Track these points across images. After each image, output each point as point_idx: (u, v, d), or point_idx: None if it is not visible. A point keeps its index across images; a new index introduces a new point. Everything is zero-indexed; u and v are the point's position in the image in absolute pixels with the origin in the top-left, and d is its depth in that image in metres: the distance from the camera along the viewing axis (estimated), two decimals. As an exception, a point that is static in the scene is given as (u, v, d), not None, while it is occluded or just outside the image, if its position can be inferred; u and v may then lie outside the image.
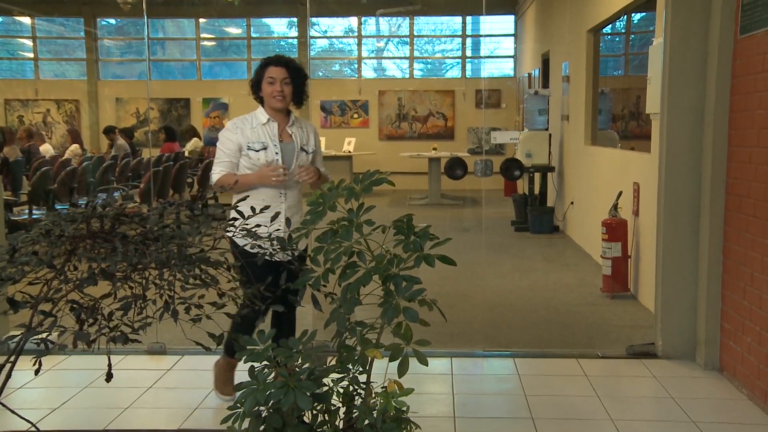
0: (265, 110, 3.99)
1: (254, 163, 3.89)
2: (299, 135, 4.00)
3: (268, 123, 3.96)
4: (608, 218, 6.77)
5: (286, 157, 3.93)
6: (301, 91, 4.00)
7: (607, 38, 11.28)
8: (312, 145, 4.05)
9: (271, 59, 3.99)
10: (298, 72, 3.97)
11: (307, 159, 3.99)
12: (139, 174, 11.17)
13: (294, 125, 4.01)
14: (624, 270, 6.68)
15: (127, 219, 2.59)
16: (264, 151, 3.89)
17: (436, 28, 17.84)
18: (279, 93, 3.90)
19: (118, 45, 17.92)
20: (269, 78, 3.94)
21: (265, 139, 3.91)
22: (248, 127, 3.94)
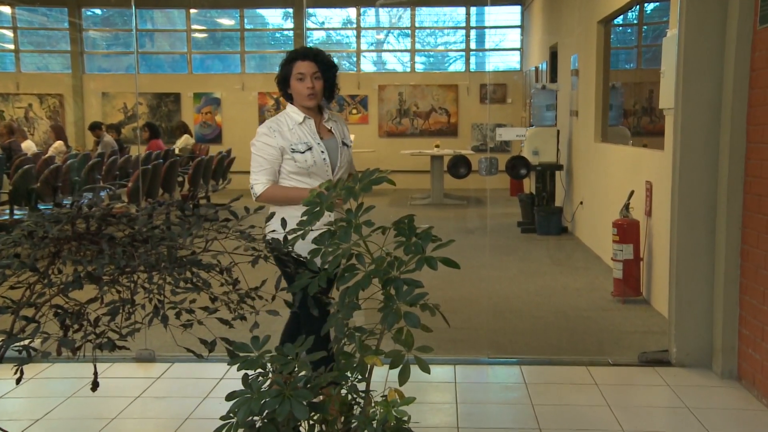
0: (297, 108, 3.86)
1: (301, 166, 3.74)
2: (337, 129, 3.92)
3: (305, 121, 3.83)
4: (619, 219, 6.77)
5: (332, 154, 3.82)
6: (332, 84, 3.89)
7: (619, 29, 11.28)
8: (349, 138, 3.99)
9: (297, 53, 3.86)
10: (329, 65, 3.85)
11: (348, 154, 3.92)
12: (126, 172, 11.17)
13: (330, 119, 3.92)
14: (636, 273, 6.68)
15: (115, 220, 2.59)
16: (310, 152, 3.75)
17: (439, 19, 17.84)
18: (311, 90, 3.78)
19: (104, 36, 17.92)
20: (298, 74, 3.81)
21: (307, 138, 3.78)
22: (285, 129, 3.81)
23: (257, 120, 16.49)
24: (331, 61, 3.87)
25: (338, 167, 3.82)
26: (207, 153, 13.74)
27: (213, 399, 4.43)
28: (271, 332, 2.65)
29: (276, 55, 17.74)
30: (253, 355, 2.46)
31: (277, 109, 16.50)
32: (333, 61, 3.89)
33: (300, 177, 3.76)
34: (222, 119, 16.56)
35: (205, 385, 4.64)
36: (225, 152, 13.64)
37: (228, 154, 13.77)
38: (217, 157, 12.82)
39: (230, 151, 14.12)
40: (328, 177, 3.73)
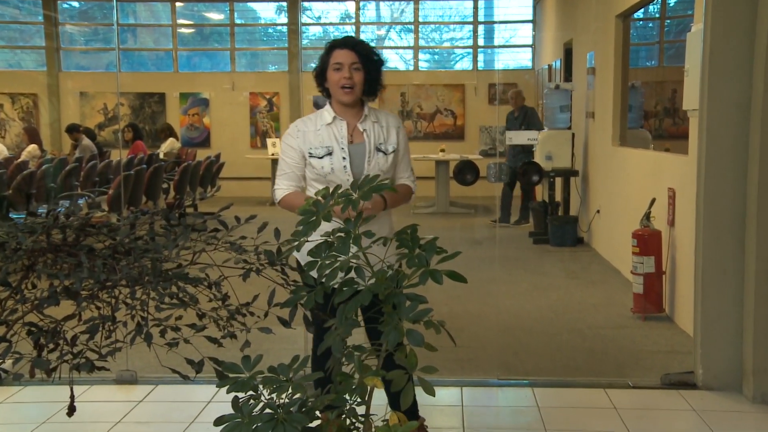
0: (332, 106, 3.75)
1: (318, 173, 3.65)
2: (374, 132, 3.71)
3: (335, 122, 3.70)
4: (640, 229, 6.77)
5: (356, 161, 3.65)
6: (376, 79, 3.74)
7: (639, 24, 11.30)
8: (393, 142, 3.74)
9: (337, 41, 3.72)
10: (371, 56, 3.70)
11: (385, 162, 3.69)
12: (107, 178, 11.18)
13: (367, 120, 3.73)
14: (658, 288, 6.68)
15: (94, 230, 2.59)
16: (329, 157, 3.63)
17: (444, 13, 17.87)
18: (347, 81, 3.64)
19: (82, 31, 17.95)
20: (335, 64, 3.67)
21: (331, 142, 3.65)
22: (311, 130, 3.70)
23: (248, 122, 16.51)
24: (374, 53, 3.73)
25: (364, 177, 3.70)
26: (194, 158, 13.76)
27: (200, 424, 4.42)
28: (263, 351, 2.65)
29: (268, 52, 17.78)
30: (244, 376, 2.45)
31: (270, 110, 16.52)
32: (377, 53, 3.75)
33: (319, 185, 3.60)
34: (210, 121, 16.58)
35: (192, 409, 4.64)
36: (213, 157, 13.65)
37: (217, 159, 13.78)
38: (205, 163, 12.83)
39: (219, 156, 14.13)
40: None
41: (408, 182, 3.83)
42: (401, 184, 3.80)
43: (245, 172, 15.72)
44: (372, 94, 3.77)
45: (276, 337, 2.93)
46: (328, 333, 2.55)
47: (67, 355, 2.46)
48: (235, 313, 2.72)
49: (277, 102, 16.52)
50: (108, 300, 2.49)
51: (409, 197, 3.83)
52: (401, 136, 3.78)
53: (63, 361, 2.43)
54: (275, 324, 2.74)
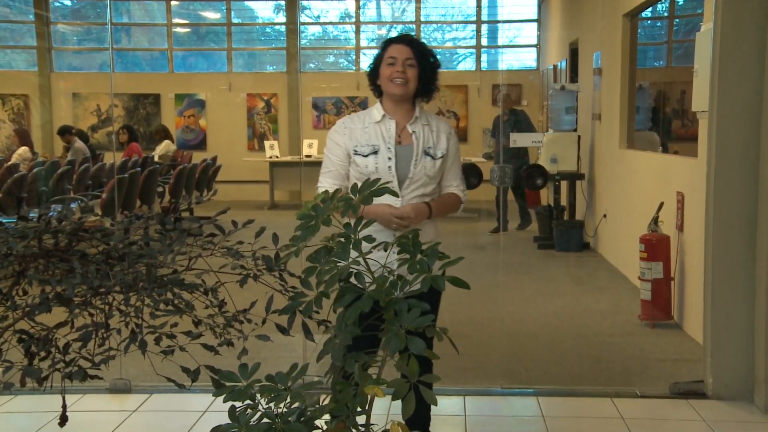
0: (383, 105, 3.70)
1: (362, 172, 3.58)
2: (424, 134, 3.66)
3: (384, 120, 3.65)
4: (647, 234, 6.77)
5: (402, 162, 3.60)
6: (431, 79, 3.69)
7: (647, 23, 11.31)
8: (442, 148, 3.68)
9: (393, 38, 3.70)
10: (426, 54, 3.67)
11: (433, 166, 3.63)
12: (100, 182, 11.19)
13: (418, 122, 3.68)
14: (666, 294, 6.67)
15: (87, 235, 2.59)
16: (374, 156, 3.59)
17: (447, 12, 17.89)
18: (400, 74, 3.59)
19: (74, 31, 17.97)
20: (389, 58, 3.62)
21: (377, 140, 3.61)
22: (359, 127, 3.66)
23: (245, 124, 16.52)
24: (430, 53, 3.70)
25: (409, 180, 3.59)
26: (190, 160, 13.77)
27: (195, 434, 4.42)
28: (260, 359, 2.65)
29: (266, 52, 17.79)
30: (241, 384, 2.45)
31: (268, 112, 16.53)
32: (435, 54, 3.71)
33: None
34: (206, 123, 16.58)
35: (187, 418, 4.63)
36: (210, 160, 13.67)
37: (213, 161, 13.80)
38: (201, 165, 12.84)
39: (216, 159, 14.15)
40: (395, 190, 3.46)
41: (457, 191, 3.76)
42: (449, 192, 3.74)
43: (242, 175, 15.72)
44: (425, 95, 3.72)
45: (274, 344, 2.94)
46: (326, 340, 2.55)
47: (59, 364, 2.46)
48: (232, 320, 2.72)
49: (275, 103, 16.53)
50: (101, 307, 2.49)
51: (457, 207, 3.76)
52: (452, 142, 3.73)
53: (55, 370, 2.43)
54: (273, 331, 2.74)
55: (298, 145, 15.76)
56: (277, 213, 13.84)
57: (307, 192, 13.96)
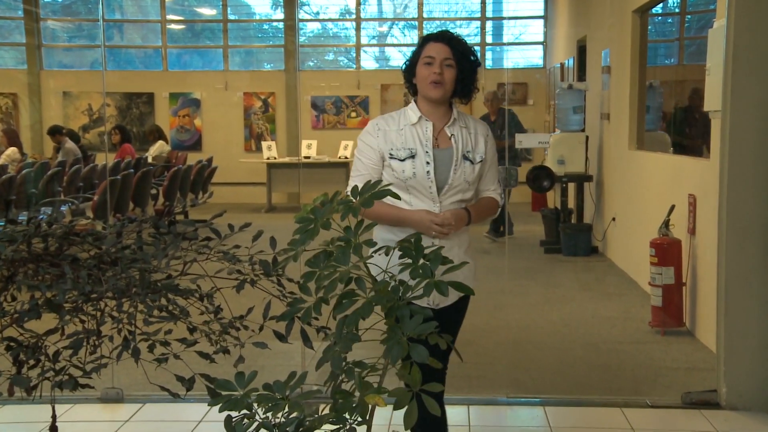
0: (418, 105, 3.60)
1: (398, 177, 3.48)
2: (462, 137, 3.57)
3: (420, 122, 3.55)
4: (658, 237, 6.76)
5: (441, 167, 3.50)
6: (469, 80, 3.58)
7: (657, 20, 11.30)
8: (481, 151, 3.59)
9: (431, 35, 3.59)
10: (466, 54, 3.55)
11: (472, 171, 3.55)
12: (91, 183, 11.19)
13: (456, 124, 3.58)
14: (678, 300, 6.67)
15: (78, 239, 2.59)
16: (411, 161, 3.48)
17: (450, 9, 17.90)
18: (437, 76, 3.48)
19: (65, 27, 17.97)
20: (426, 58, 3.52)
21: (414, 144, 3.51)
22: (394, 129, 3.56)
23: (242, 124, 16.53)
24: (471, 51, 3.58)
25: (448, 185, 3.49)
26: (185, 162, 13.76)
27: (190, 445, 4.42)
28: (257, 367, 2.65)
29: (264, 50, 17.79)
30: (238, 394, 2.45)
31: (266, 111, 16.53)
32: (475, 52, 3.60)
33: (400, 192, 3.47)
34: (202, 123, 16.59)
35: (182, 429, 4.63)
36: (205, 161, 13.68)
37: (209, 163, 13.80)
38: (196, 167, 12.85)
39: (211, 160, 14.15)
40: (432, 196, 3.47)
41: (494, 195, 3.70)
42: (487, 196, 3.68)
43: (239, 177, 15.72)
44: (464, 97, 3.63)
45: (271, 352, 2.93)
46: (326, 348, 2.55)
47: (49, 372, 2.46)
48: (229, 326, 2.72)
49: (272, 103, 16.54)
50: (93, 313, 2.49)
51: (495, 210, 3.71)
52: (489, 145, 3.64)
53: (44, 379, 2.43)
54: (271, 339, 2.75)
55: (296, 145, 15.76)
56: (274, 216, 13.84)
57: (305, 194, 13.98)
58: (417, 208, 3.46)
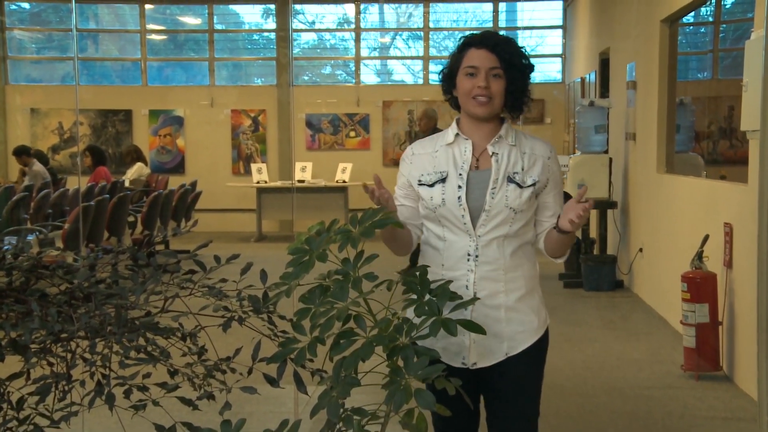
0: (459, 122, 3.35)
1: (427, 206, 3.24)
2: (509, 156, 3.26)
3: (457, 141, 3.30)
4: (690, 271, 6.75)
5: (475, 192, 3.21)
6: (522, 89, 3.30)
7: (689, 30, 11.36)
8: (535, 174, 3.27)
9: (473, 38, 3.29)
10: (516, 59, 3.27)
11: (518, 196, 3.21)
12: (62, 210, 11.20)
13: (503, 141, 3.28)
14: (713, 341, 6.65)
15: (47, 272, 2.59)
16: (440, 185, 3.22)
17: (459, 17, 17.99)
18: (482, 90, 3.21)
19: (33, 38, 18.05)
20: (468, 68, 3.24)
21: (447, 166, 3.25)
22: (428, 152, 3.32)
23: (230, 145, 16.56)
24: (520, 54, 3.30)
25: (485, 213, 3.19)
26: (166, 186, 13.78)
27: (170, 502, 4.39)
28: (245, 415, 2.64)
29: (254, 63, 17.86)
30: (224, 444, 2.45)
31: (255, 130, 16.57)
32: (525, 54, 3.32)
33: (432, 226, 3.29)
34: (185, 143, 16.63)
35: (160, 483, 4.60)
36: (189, 185, 13.69)
37: (193, 187, 13.82)
38: (178, 192, 12.86)
39: (195, 184, 14.16)
40: (466, 228, 3.20)
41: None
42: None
43: (226, 203, 15.75)
44: (516, 110, 3.34)
45: (261, 397, 2.93)
46: (322, 393, 2.54)
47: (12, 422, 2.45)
48: (214, 369, 2.72)
49: (263, 121, 16.58)
50: (63, 355, 2.49)
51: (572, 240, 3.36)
52: (551, 169, 3.33)
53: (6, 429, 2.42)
54: (261, 383, 2.74)
55: (289, 168, 15.79)
56: (265, 246, 13.85)
57: (299, 222, 13.99)
58: (452, 244, 3.22)
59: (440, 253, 3.23)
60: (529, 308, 3.26)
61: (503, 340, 3.19)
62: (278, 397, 4.04)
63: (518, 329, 3.22)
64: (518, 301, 3.23)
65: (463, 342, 3.13)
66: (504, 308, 3.19)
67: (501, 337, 3.18)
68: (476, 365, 3.19)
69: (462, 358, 3.15)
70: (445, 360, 2.93)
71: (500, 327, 3.19)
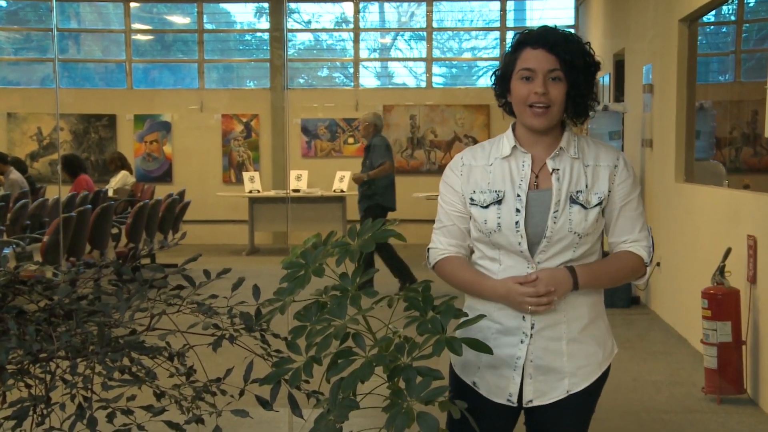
0: (515, 131, 3.14)
1: (480, 229, 3.06)
2: (572, 172, 3.06)
3: (515, 154, 3.09)
4: (711, 287, 6.75)
5: (536, 216, 3.02)
6: (585, 93, 3.10)
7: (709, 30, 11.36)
8: (601, 190, 3.07)
9: (529, 35, 3.08)
10: (578, 58, 3.07)
11: (583, 219, 3.02)
12: (40, 222, 11.20)
13: (564, 155, 3.08)
14: (736, 362, 6.64)
15: (25, 287, 2.60)
16: (496, 207, 3.03)
17: (465, 17, 18.01)
18: (540, 98, 3.01)
19: (11, 38, 18.07)
20: (524, 71, 3.03)
21: (503, 184, 3.05)
22: (481, 165, 3.11)
23: (220, 152, 16.56)
24: (584, 53, 3.10)
25: (546, 240, 3.01)
26: (152, 196, 13.79)
27: None
28: (236, 441, 2.65)
29: (246, 65, 17.88)
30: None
31: (248, 137, 16.57)
32: (589, 52, 3.13)
33: (484, 248, 3.11)
34: (172, 150, 16.64)
35: None
36: (176, 195, 13.69)
37: (181, 197, 13.82)
38: (165, 202, 12.86)
39: (183, 194, 14.16)
40: (524, 255, 3.02)
41: (635, 248, 3.15)
42: (622, 251, 3.16)
43: (216, 213, 15.75)
44: (579, 116, 3.14)
45: (254, 421, 2.93)
46: (318, 417, 2.54)
47: (-11, 446, 2.45)
48: (203, 391, 2.72)
49: (256, 126, 16.59)
50: (41, 376, 2.49)
51: (636, 271, 3.18)
52: (619, 179, 3.11)
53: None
54: (253, 405, 2.74)
55: (283, 177, 15.79)
56: (258, 260, 13.84)
57: (294, 234, 13.98)
58: (507, 268, 3.03)
59: (495, 277, 3.05)
60: (593, 339, 3.14)
61: (564, 376, 3.07)
62: (272, 420, 4.04)
63: (581, 363, 3.09)
64: (582, 331, 3.10)
65: (512, 377, 3.02)
66: (566, 340, 3.06)
67: (562, 373, 3.06)
68: (532, 403, 3.07)
69: (509, 395, 3.05)
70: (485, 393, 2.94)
71: (561, 362, 3.06)
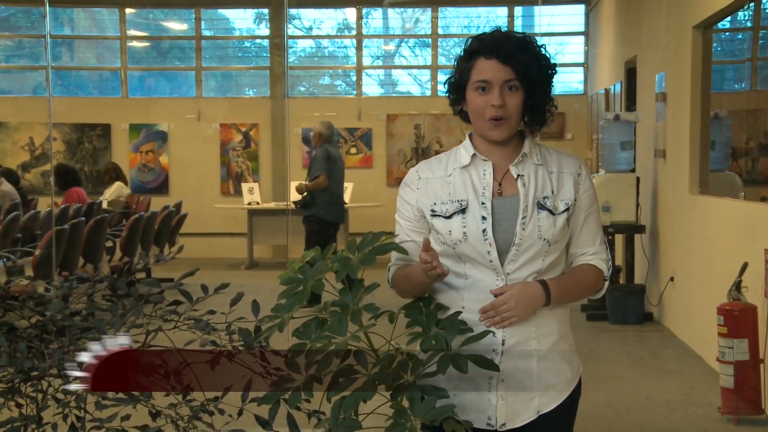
0: (473, 139, 3.09)
1: (444, 241, 3.00)
2: (537, 178, 3.04)
3: (475, 162, 3.05)
4: (728, 303, 6.74)
5: (503, 223, 2.98)
6: (542, 101, 3.04)
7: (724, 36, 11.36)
8: (568, 196, 3.05)
9: (481, 43, 3.06)
10: (534, 65, 3.01)
11: (551, 225, 3.00)
12: (32, 235, 11.20)
13: (527, 161, 3.05)
14: (754, 381, 6.63)
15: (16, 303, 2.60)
16: (460, 217, 2.98)
17: (471, 23, 18.03)
18: (498, 111, 2.96)
19: (2, 45, 18.09)
20: (479, 82, 2.99)
21: (466, 193, 3.01)
22: (439, 176, 3.07)
23: (218, 162, 16.56)
24: (540, 58, 3.04)
25: (515, 248, 2.96)
26: (147, 208, 13.79)
27: None
28: (234, 462, 2.65)
29: (245, 72, 17.89)
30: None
31: (247, 147, 16.58)
32: (545, 56, 3.07)
33: (450, 263, 2.98)
34: (169, 161, 16.63)
35: None
36: (173, 207, 13.69)
37: (177, 209, 13.82)
38: (161, 214, 12.86)
39: (180, 206, 14.15)
40: (493, 266, 2.96)
41: (596, 261, 3.14)
42: (584, 264, 3.14)
43: (214, 226, 15.74)
44: (537, 124, 3.09)
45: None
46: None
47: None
48: (200, 410, 2.72)
49: (255, 136, 16.59)
50: (33, 395, 2.49)
51: (596, 285, 3.18)
52: (583, 187, 3.09)
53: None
54: (251, 425, 2.74)
55: (284, 188, 15.77)
56: (257, 274, 13.84)
57: (294, 248, 13.98)
58: (475, 283, 2.98)
59: (460, 294, 2.98)
60: (561, 357, 3.11)
61: (534, 396, 3.02)
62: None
63: (551, 382, 3.06)
64: (551, 348, 3.06)
65: (490, 399, 2.95)
66: (536, 358, 3.01)
67: (532, 393, 3.01)
68: (504, 426, 2.98)
69: (488, 418, 2.96)
70: (465, 417, 2.77)
71: (531, 381, 3.02)
